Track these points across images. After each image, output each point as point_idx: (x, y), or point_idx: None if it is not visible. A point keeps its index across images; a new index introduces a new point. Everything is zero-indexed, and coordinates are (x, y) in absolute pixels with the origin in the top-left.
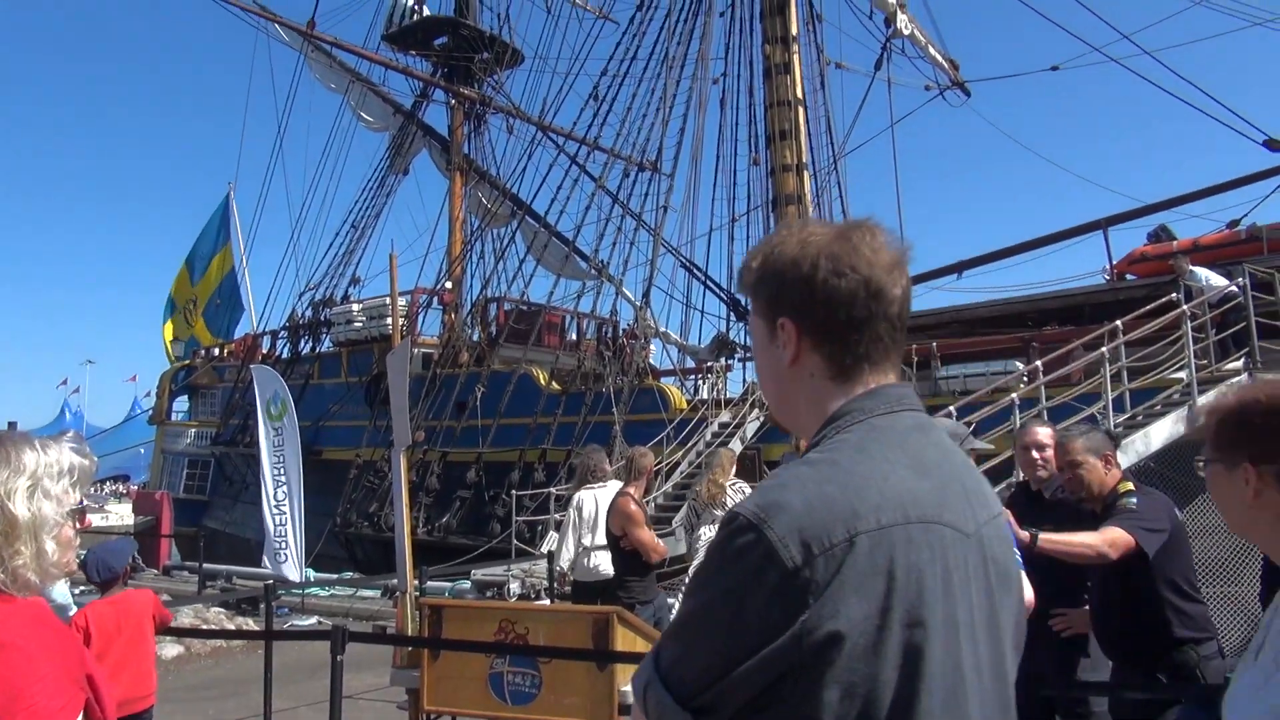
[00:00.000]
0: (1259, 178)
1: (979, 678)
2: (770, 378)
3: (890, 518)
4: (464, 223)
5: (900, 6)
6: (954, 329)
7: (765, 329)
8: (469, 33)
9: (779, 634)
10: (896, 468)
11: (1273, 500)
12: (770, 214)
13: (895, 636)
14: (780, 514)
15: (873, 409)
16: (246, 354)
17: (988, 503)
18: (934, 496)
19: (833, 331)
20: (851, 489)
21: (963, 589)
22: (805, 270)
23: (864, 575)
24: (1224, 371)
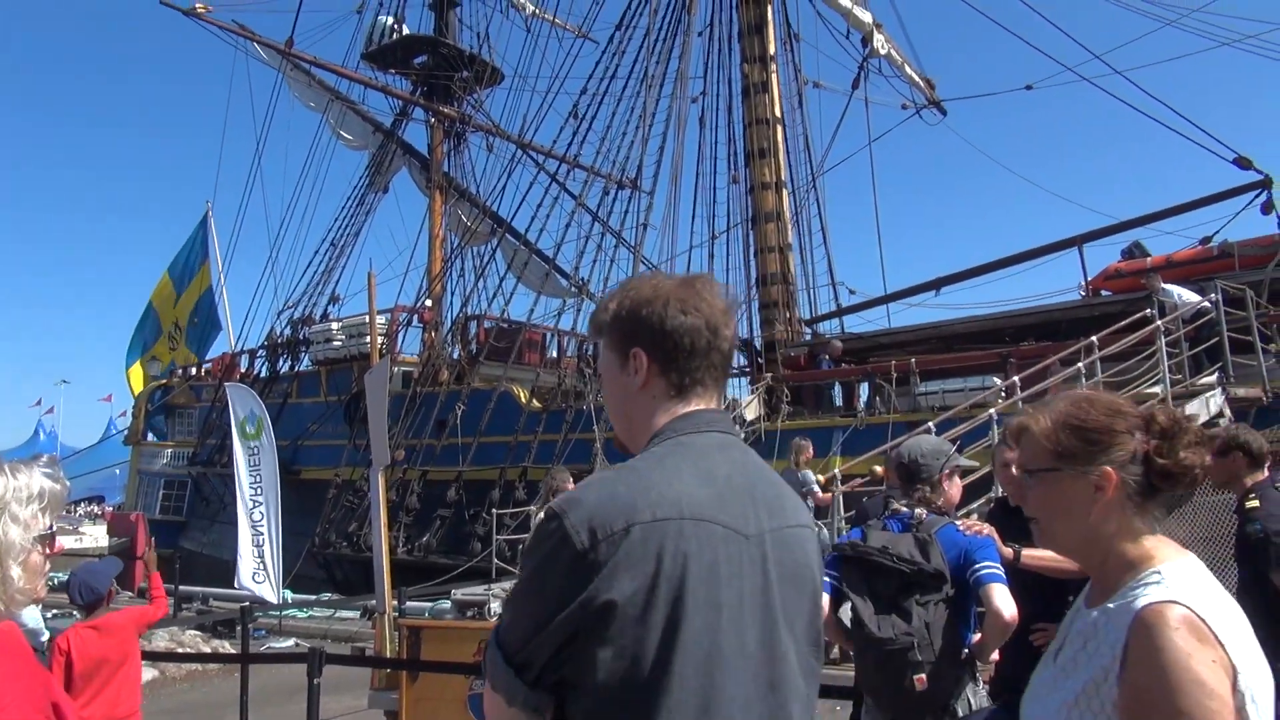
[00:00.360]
0: (1229, 195)
1: (742, 653)
2: (619, 401)
3: (665, 513)
4: (444, 241)
5: (876, 27)
6: (932, 345)
7: (618, 360)
8: (448, 52)
9: (570, 603)
10: (683, 476)
11: (1118, 503)
12: (750, 231)
13: (659, 609)
14: (577, 507)
15: (683, 429)
16: (224, 373)
17: (784, 514)
18: (713, 501)
19: (677, 361)
20: (638, 489)
21: (731, 578)
22: (658, 309)
23: (636, 558)
24: (1198, 386)
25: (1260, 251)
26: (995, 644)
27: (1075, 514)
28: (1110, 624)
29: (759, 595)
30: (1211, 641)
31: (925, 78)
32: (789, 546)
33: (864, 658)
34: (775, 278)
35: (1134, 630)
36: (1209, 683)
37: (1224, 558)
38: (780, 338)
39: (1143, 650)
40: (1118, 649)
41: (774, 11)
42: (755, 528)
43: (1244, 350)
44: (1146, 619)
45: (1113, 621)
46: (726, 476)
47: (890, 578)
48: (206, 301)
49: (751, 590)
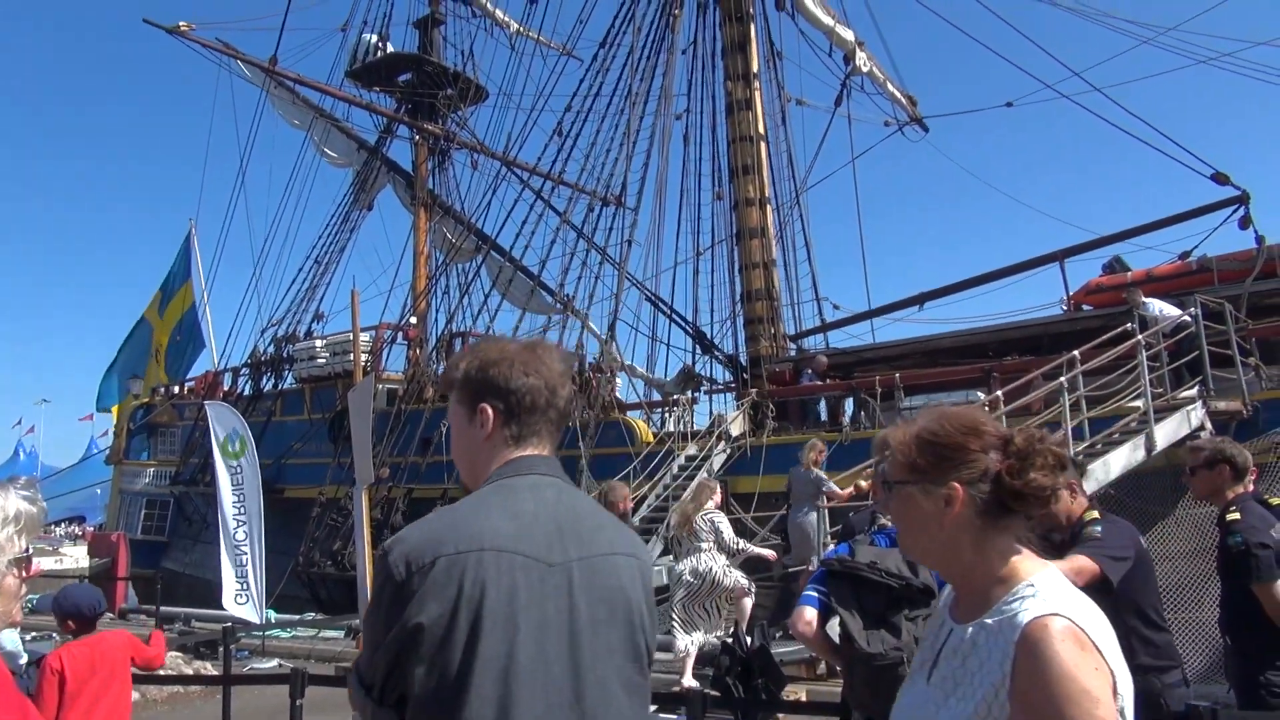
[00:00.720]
0: (1208, 210)
1: (543, 667)
2: (466, 449)
3: (466, 547)
4: (429, 257)
5: (859, 45)
6: (917, 360)
7: (466, 413)
8: (433, 69)
9: (393, 627)
10: (490, 514)
11: (968, 519)
12: (734, 247)
13: (461, 630)
14: (400, 544)
15: (506, 473)
16: (207, 391)
17: (595, 545)
18: (515, 535)
19: (518, 416)
20: (448, 527)
21: (531, 601)
22: (504, 370)
23: (440, 586)
24: (1179, 399)
25: (1238, 266)
26: None
27: (928, 527)
28: (993, 640)
29: (564, 615)
30: (1092, 650)
31: (907, 95)
32: (598, 572)
33: (853, 673)
34: (760, 293)
35: (1020, 645)
36: (1095, 691)
37: (1206, 571)
38: (765, 353)
39: (1031, 664)
40: (1006, 665)
41: (757, 30)
42: (560, 557)
43: (1224, 364)
44: (1032, 633)
45: (995, 638)
46: (533, 513)
47: (879, 593)
48: (190, 320)
49: (556, 611)
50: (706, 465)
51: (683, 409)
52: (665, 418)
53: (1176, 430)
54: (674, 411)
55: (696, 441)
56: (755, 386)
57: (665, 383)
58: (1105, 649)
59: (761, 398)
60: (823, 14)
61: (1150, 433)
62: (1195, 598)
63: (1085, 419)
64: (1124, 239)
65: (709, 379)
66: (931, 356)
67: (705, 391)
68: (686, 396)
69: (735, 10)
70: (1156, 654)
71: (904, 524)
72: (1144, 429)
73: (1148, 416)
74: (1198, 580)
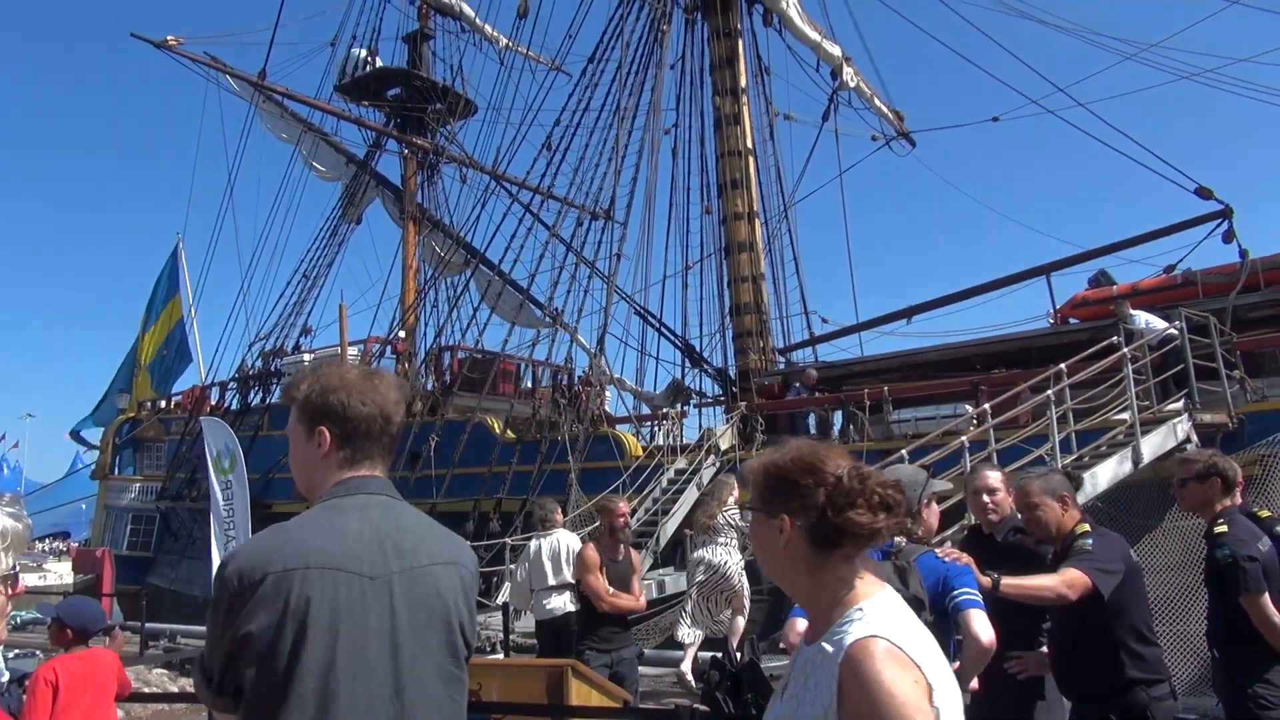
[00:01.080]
0: (1192, 224)
1: (365, 669)
2: (303, 465)
3: (292, 565)
4: (417, 271)
5: (846, 60)
6: (905, 373)
7: (305, 432)
8: (422, 84)
9: (227, 633)
10: (318, 532)
11: (801, 548)
12: (723, 261)
13: (287, 638)
14: (234, 560)
15: (336, 493)
16: (194, 406)
17: (416, 557)
18: (339, 552)
19: (354, 440)
20: (279, 545)
21: (353, 611)
22: (342, 397)
23: (269, 598)
24: (1165, 412)
25: (1222, 279)
26: (974, 670)
27: (770, 551)
28: (825, 661)
29: (385, 622)
30: (910, 665)
31: (894, 110)
32: (418, 582)
33: None
34: (749, 307)
35: (844, 666)
36: (913, 702)
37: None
38: (754, 366)
39: (854, 682)
40: (833, 685)
41: (745, 45)
42: (382, 570)
43: (1209, 377)
44: (854, 654)
45: (827, 659)
46: (357, 532)
47: None
48: (177, 334)
49: (378, 619)
50: (696, 479)
51: (672, 422)
52: (654, 431)
53: (1163, 443)
54: (663, 425)
55: (686, 455)
56: (744, 400)
57: (654, 396)
58: (924, 664)
59: (750, 411)
60: (810, 30)
61: (1137, 445)
62: (1183, 610)
63: (1073, 432)
64: (1109, 253)
65: (698, 392)
66: (920, 369)
67: (694, 405)
68: (676, 410)
69: (723, 26)
70: (1145, 667)
71: (754, 546)
72: (1131, 442)
73: (1134, 429)
74: (1185, 592)
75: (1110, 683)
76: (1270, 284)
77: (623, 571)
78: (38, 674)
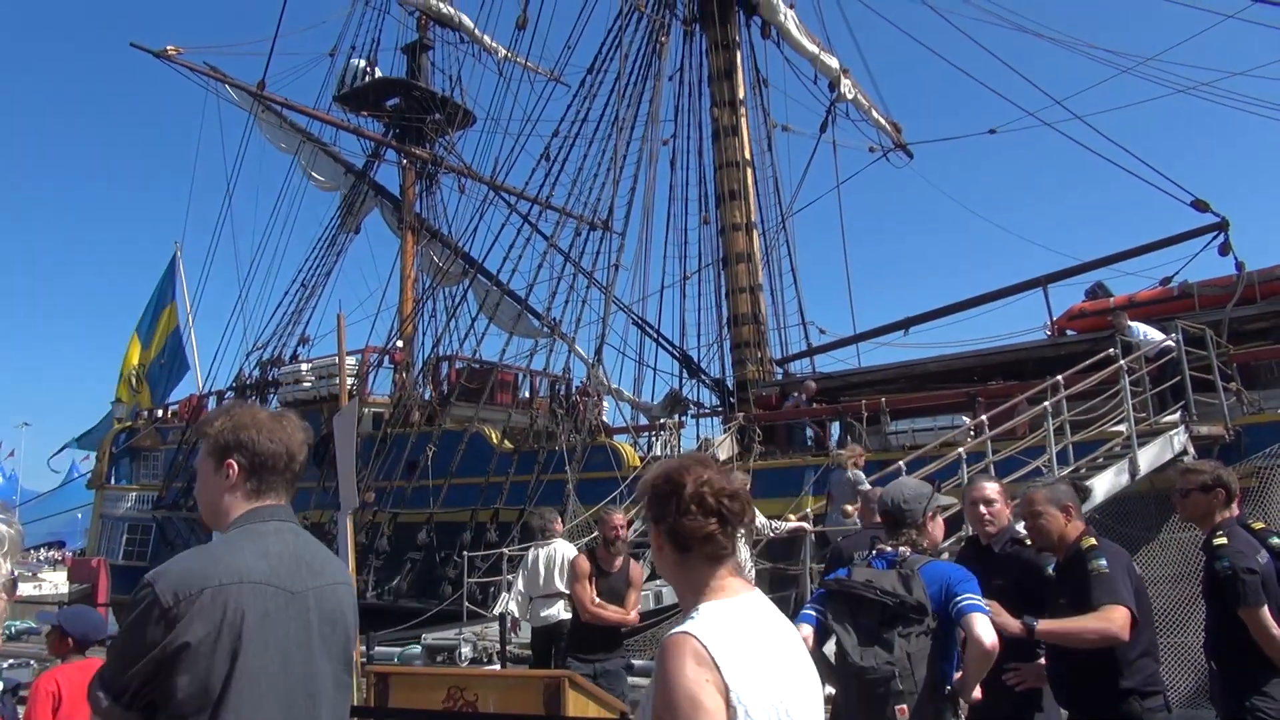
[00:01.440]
0: (1188, 236)
1: (286, 674)
2: (210, 494)
3: (228, 580)
4: (415, 281)
5: (844, 72)
6: (902, 384)
7: (214, 464)
8: (421, 94)
9: (158, 645)
10: (244, 553)
11: (669, 552)
12: (721, 272)
13: (225, 647)
14: (164, 577)
15: (252, 519)
16: (191, 415)
17: (324, 575)
18: (266, 570)
19: (261, 474)
20: (212, 563)
21: (279, 623)
22: (253, 434)
23: (207, 611)
24: (1162, 424)
25: (1219, 292)
26: (979, 673)
27: (655, 556)
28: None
29: (303, 634)
30: (709, 664)
31: (892, 122)
32: (326, 598)
33: (846, 688)
34: (746, 318)
35: (656, 658)
36: (700, 698)
37: (1191, 595)
38: (752, 377)
39: (658, 674)
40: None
41: (743, 57)
42: (301, 587)
43: (1206, 389)
44: (663, 647)
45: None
46: (279, 553)
47: (873, 610)
48: (173, 342)
49: (297, 630)
50: None
51: (669, 433)
52: (652, 442)
53: (1160, 455)
54: (661, 435)
55: None
56: (742, 411)
57: (652, 407)
58: (725, 666)
59: (748, 422)
60: (808, 42)
61: (1134, 457)
62: (1180, 622)
63: (1070, 443)
64: (1106, 264)
65: (696, 403)
66: (917, 381)
67: (692, 415)
68: (673, 420)
69: (721, 38)
70: (1139, 679)
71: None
72: (1127, 453)
73: (1131, 441)
74: (1182, 604)
75: (1104, 693)
76: (1266, 296)
77: (617, 583)
78: (38, 684)
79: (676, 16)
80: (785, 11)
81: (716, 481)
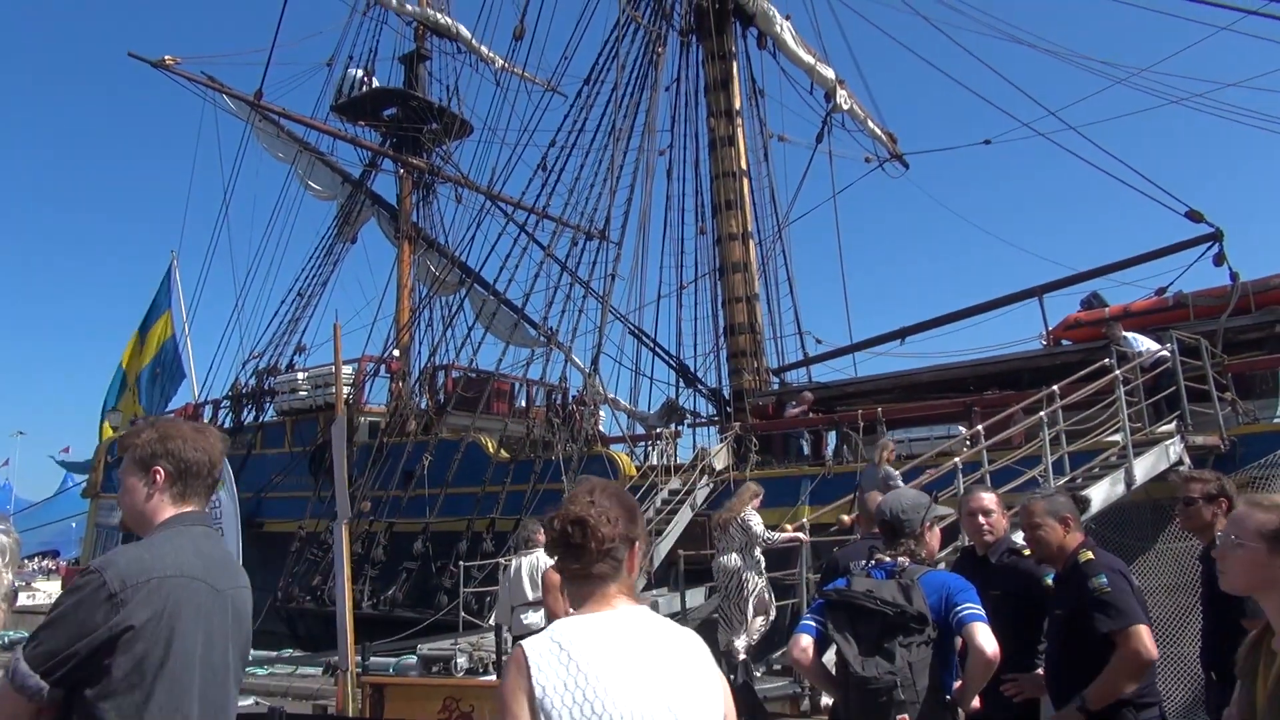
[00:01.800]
0: (1182, 247)
1: (209, 660)
2: (134, 501)
3: (170, 572)
4: (412, 290)
5: (839, 83)
6: (898, 394)
7: (139, 471)
8: (418, 104)
9: (99, 628)
10: (183, 550)
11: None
12: (717, 281)
13: (163, 632)
14: (112, 565)
15: (180, 522)
16: None
17: (238, 579)
18: (201, 567)
19: (185, 480)
20: (157, 557)
21: (209, 616)
22: (179, 444)
23: (150, 598)
24: (1158, 434)
25: (1213, 302)
26: (978, 683)
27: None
28: None
29: (225, 626)
30: (523, 673)
31: (887, 132)
32: (238, 599)
33: (847, 698)
34: (743, 327)
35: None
36: (509, 703)
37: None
38: (748, 387)
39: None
40: None
41: (739, 68)
42: (225, 585)
43: (1201, 399)
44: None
45: None
46: (209, 553)
47: (873, 620)
48: (169, 350)
49: (219, 624)
50: (690, 499)
51: (666, 442)
52: (648, 451)
53: (1155, 465)
54: (657, 445)
55: (680, 475)
56: (738, 420)
57: (648, 416)
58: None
59: (745, 431)
60: (804, 53)
61: (1130, 467)
62: (1175, 633)
63: (1065, 453)
64: (1101, 275)
65: (692, 412)
66: (913, 391)
67: (689, 425)
68: (670, 430)
69: (718, 49)
70: (1136, 690)
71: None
72: (1123, 463)
73: (1127, 451)
74: (1178, 615)
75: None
76: (1261, 307)
77: None
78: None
79: (673, 27)
80: (781, 22)
81: (567, 510)
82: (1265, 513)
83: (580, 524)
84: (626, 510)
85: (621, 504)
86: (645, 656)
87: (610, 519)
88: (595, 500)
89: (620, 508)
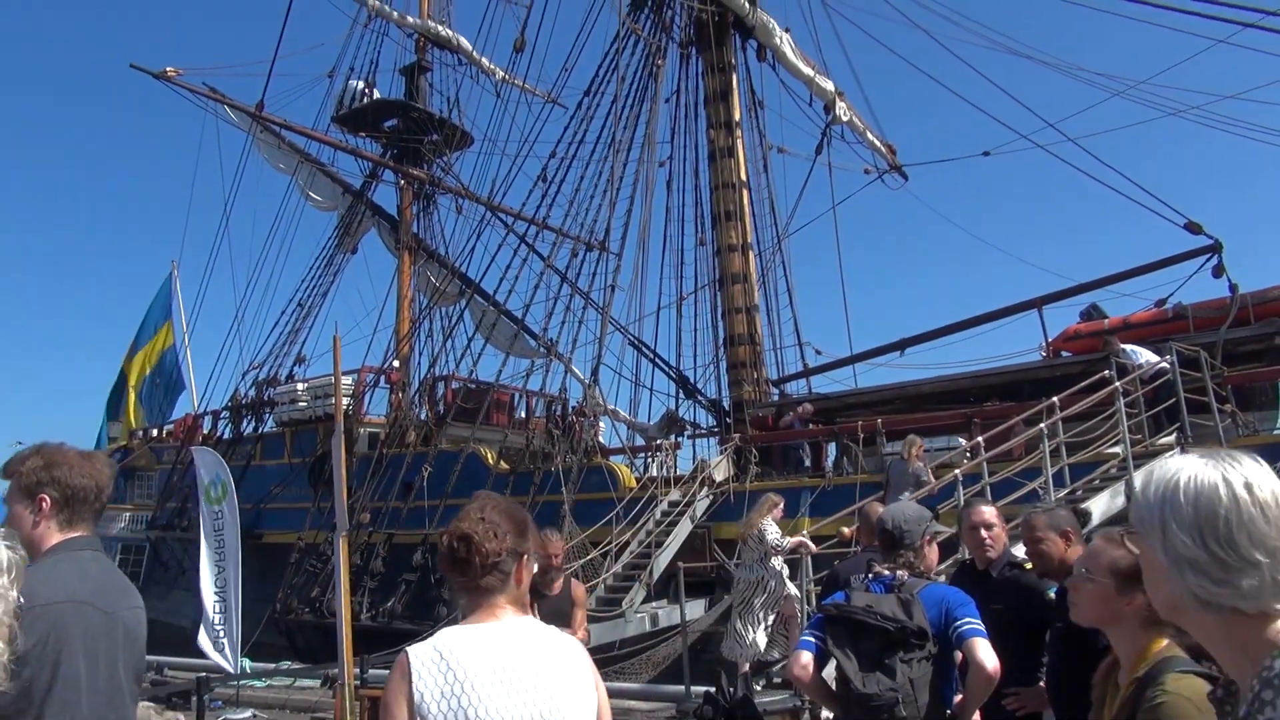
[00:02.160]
0: (1182, 259)
1: (96, 683)
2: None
3: (55, 598)
4: (412, 301)
5: (839, 95)
6: (898, 405)
7: (24, 498)
8: (419, 115)
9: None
10: (69, 575)
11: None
12: (717, 292)
13: (49, 656)
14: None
15: (69, 547)
16: (186, 435)
17: (130, 599)
18: (88, 591)
19: (72, 506)
20: (44, 582)
21: (97, 639)
22: (64, 471)
23: (36, 625)
24: (1158, 445)
25: (1213, 314)
26: (979, 699)
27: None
28: None
29: (115, 649)
30: (404, 676)
31: (887, 143)
32: (129, 620)
33: (848, 715)
34: (743, 338)
35: None
36: (390, 705)
37: None
38: (748, 398)
39: None
40: None
41: (739, 80)
42: (114, 607)
43: (1201, 410)
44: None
45: None
46: (96, 576)
47: (874, 636)
48: (169, 361)
49: (108, 646)
50: (690, 511)
51: (666, 454)
52: (648, 463)
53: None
54: (657, 456)
55: (680, 487)
56: (738, 431)
57: (648, 427)
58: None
59: (745, 443)
60: (803, 65)
61: (1130, 479)
62: None
63: (1065, 465)
64: (1101, 286)
65: (692, 424)
66: (913, 402)
67: (688, 436)
68: (670, 441)
69: (717, 61)
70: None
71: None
72: (1123, 475)
73: (1127, 463)
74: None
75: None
76: (1260, 318)
77: (560, 605)
78: None
79: (673, 39)
80: (781, 35)
81: (455, 527)
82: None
83: (465, 540)
84: (516, 525)
85: (511, 519)
86: (524, 665)
87: (497, 534)
88: (485, 516)
89: (509, 522)
